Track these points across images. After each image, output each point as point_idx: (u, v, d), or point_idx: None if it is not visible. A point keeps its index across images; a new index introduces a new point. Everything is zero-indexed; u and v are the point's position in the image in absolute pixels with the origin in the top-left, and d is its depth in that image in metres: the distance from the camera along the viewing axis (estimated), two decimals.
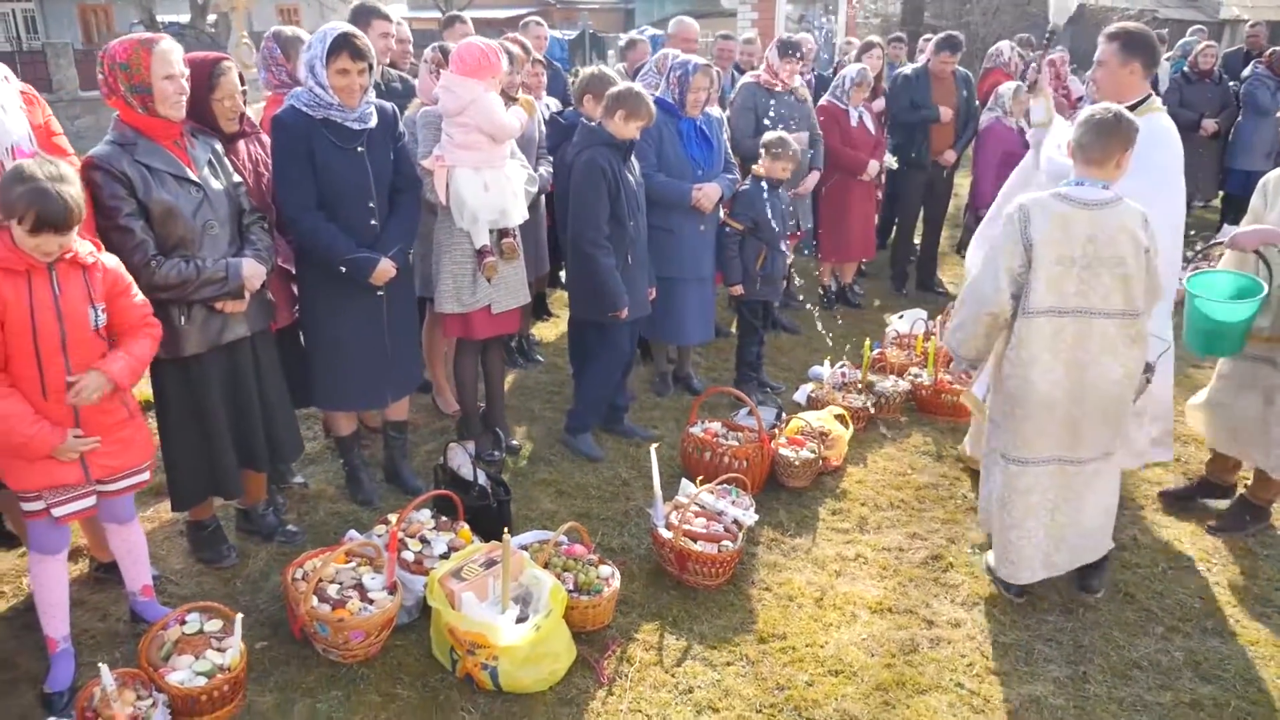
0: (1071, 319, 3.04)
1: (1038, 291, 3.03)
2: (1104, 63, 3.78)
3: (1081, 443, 3.19)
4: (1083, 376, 3.09)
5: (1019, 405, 3.18)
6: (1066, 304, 3.03)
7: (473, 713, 2.84)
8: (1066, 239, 3.00)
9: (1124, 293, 3.04)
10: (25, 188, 2.45)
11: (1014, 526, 3.30)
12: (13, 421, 2.51)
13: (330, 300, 3.62)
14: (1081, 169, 3.07)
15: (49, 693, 2.82)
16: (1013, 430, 3.23)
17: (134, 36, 2.95)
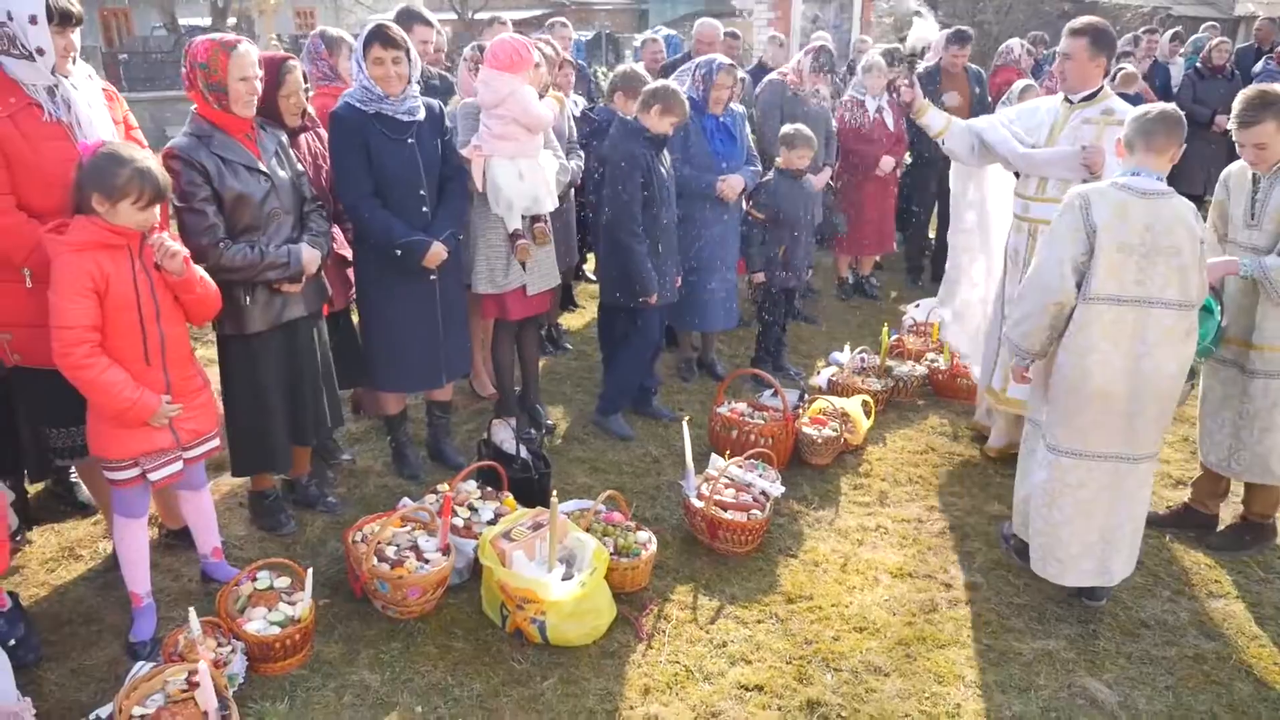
0: (1131, 308, 3.03)
1: (1098, 277, 3.02)
2: (1072, 56, 3.92)
3: (1137, 439, 3.14)
4: (1139, 367, 3.05)
5: (1074, 395, 3.14)
6: (1126, 292, 3.02)
7: (523, 663, 3.06)
8: (1126, 226, 3.00)
9: (1180, 283, 3.03)
10: (129, 169, 2.69)
11: (1065, 524, 3.24)
12: (119, 388, 2.74)
13: (387, 286, 3.84)
14: (1141, 158, 3.08)
15: (134, 642, 3.05)
16: (1065, 422, 3.19)
17: (214, 38, 3.18)
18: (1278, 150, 3.41)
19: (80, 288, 2.70)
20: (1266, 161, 3.44)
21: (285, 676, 2.95)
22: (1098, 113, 3.99)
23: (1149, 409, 3.10)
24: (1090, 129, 3.97)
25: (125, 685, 2.69)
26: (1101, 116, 3.97)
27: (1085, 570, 3.27)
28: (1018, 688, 2.98)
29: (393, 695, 2.91)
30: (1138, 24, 19.43)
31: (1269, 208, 3.46)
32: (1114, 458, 3.17)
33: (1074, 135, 3.99)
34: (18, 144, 2.85)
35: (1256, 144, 3.40)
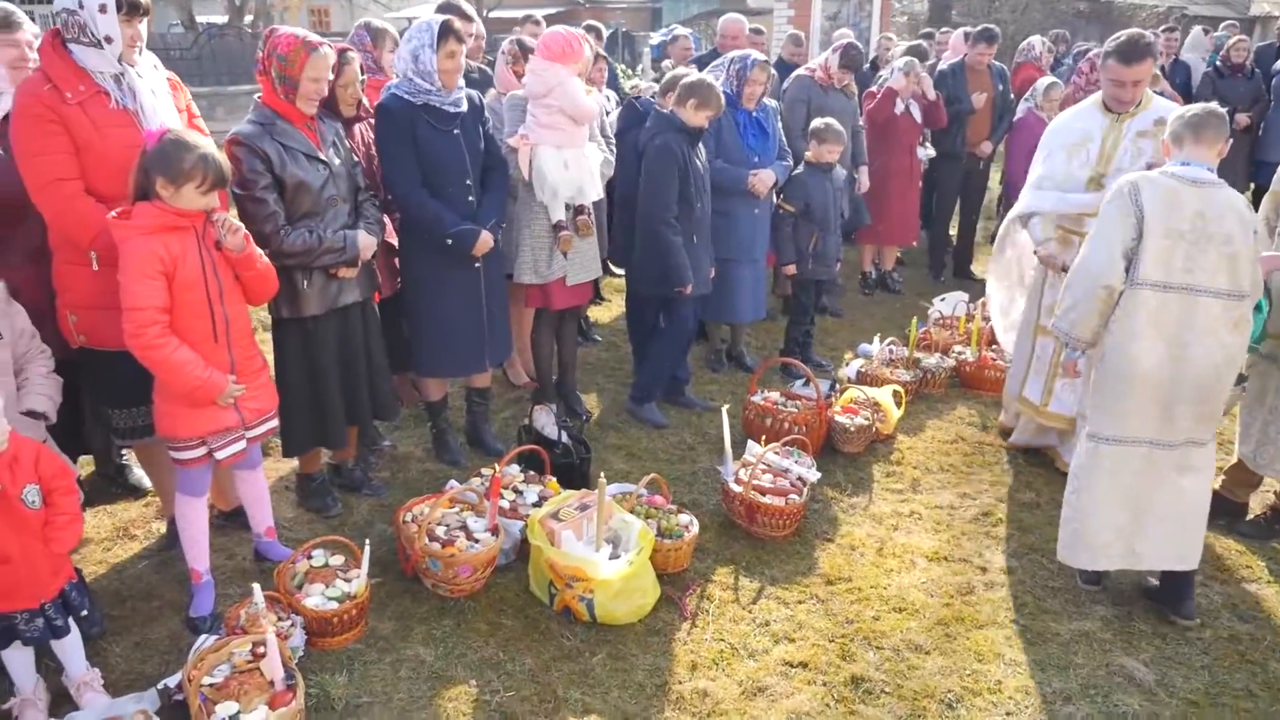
0: (1177, 295, 3.03)
1: (1145, 263, 3.02)
2: (1143, 80, 3.88)
3: (1173, 425, 3.14)
4: (1184, 355, 3.04)
5: (1118, 381, 3.14)
6: (1173, 279, 3.02)
7: (572, 639, 3.14)
8: (1175, 213, 3.01)
9: (1230, 272, 3.01)
10: (194, 154, 2.78)
11: (1094, 511, 3.24)
12: (190, 368, 2.82)
13: (434, 273, 3.92)
14: (1190, 151, 3.10)
15: (194, 617, 3.14)
16: (1106, 408, 3.19)
17: (300, 34, 3.26)
18: None
19: (150, 269, 2.78)
20: None
21: (342, 651, 3.04)
22: (1150, 123, 3.91)
23: (1189, 396, 3.08)
24: (1149, 143, 3.90)
25: (192, 656, 2.77)
26: (1155, 127, 3.87)
27: (1113, 554, 3.27)
28: (1056, 666, 3.05)
29: (447, 669, 3.00)
30: (1153, 23, 19.45)
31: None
32: (1148, 443, 3.17)
33: (1134, 151, 3.91)
34: (86, 130, 2.93)
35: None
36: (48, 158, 2.90)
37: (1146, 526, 3.23)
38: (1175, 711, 2.86)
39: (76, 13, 2.89)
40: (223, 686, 2.66)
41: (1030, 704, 2.88)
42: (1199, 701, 2.90)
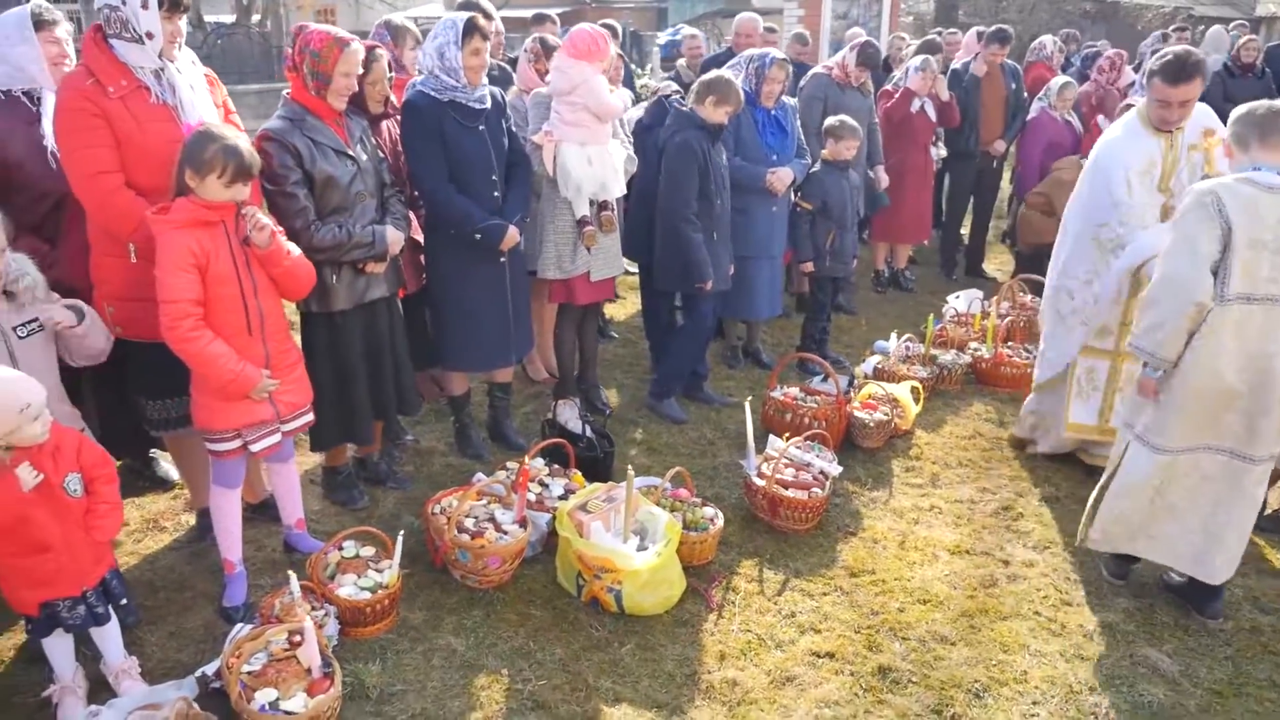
0: (1261, 306, 2.94)
1: (1235, 276, 2.92)
2: (1190, 101, 3.74)
3: (1258, 439, 3.05)
4: (1270, 366, 2.97)
5: (1199, 396, 3.05)
6: (1258, 290, 2.93)
7: (600, 630, 3.18)
8: (1258, 222, 2.91)
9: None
10: (218, 145, 2.81)
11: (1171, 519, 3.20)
12: (223, 361, 2.86)
13: (460, 268, 3.95)
14: (1257, 154, 2.99)
15: (228, 607, 3.18)
16: (1184, 420, 3.10)
17: (331, 31, 3.29)
18: None
19: (183, 263, 2.82)
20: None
21: (375, 640, 3.08)
22: (1198, 135, 3.82)
23: (1274, 409, 3.00)
24: (1199, 155, 3.81)
25: (229, 645, 2.81)
26: (1203, 138, 3.80)
27: (1183, 557, 3.24)
28: (1080, 656, 3.08)
29: (478, 659, 3.03)
30: (1159, 23, 19.47)
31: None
32: (1228, 452, 3.10)
33: (1189, 168, 3.82)
34: (128, 124, 2.97)
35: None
36: (90, 151, 2.94)
37: (1223, 537, 3.16)
38: (1199, 702, 2.89)
39: (119, 9, 2.93)
40: (261, 674, 2.70)
41: (1056, 694, 2.91)
42: (1223, 692, 2.93)
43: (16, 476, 2.42)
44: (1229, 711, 2.85)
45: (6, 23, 3.29)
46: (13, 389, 2.40)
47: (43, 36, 3.30)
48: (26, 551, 2.52)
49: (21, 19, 3.28)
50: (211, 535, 3.58)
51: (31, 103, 3.30)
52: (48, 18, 3.34)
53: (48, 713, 2.74)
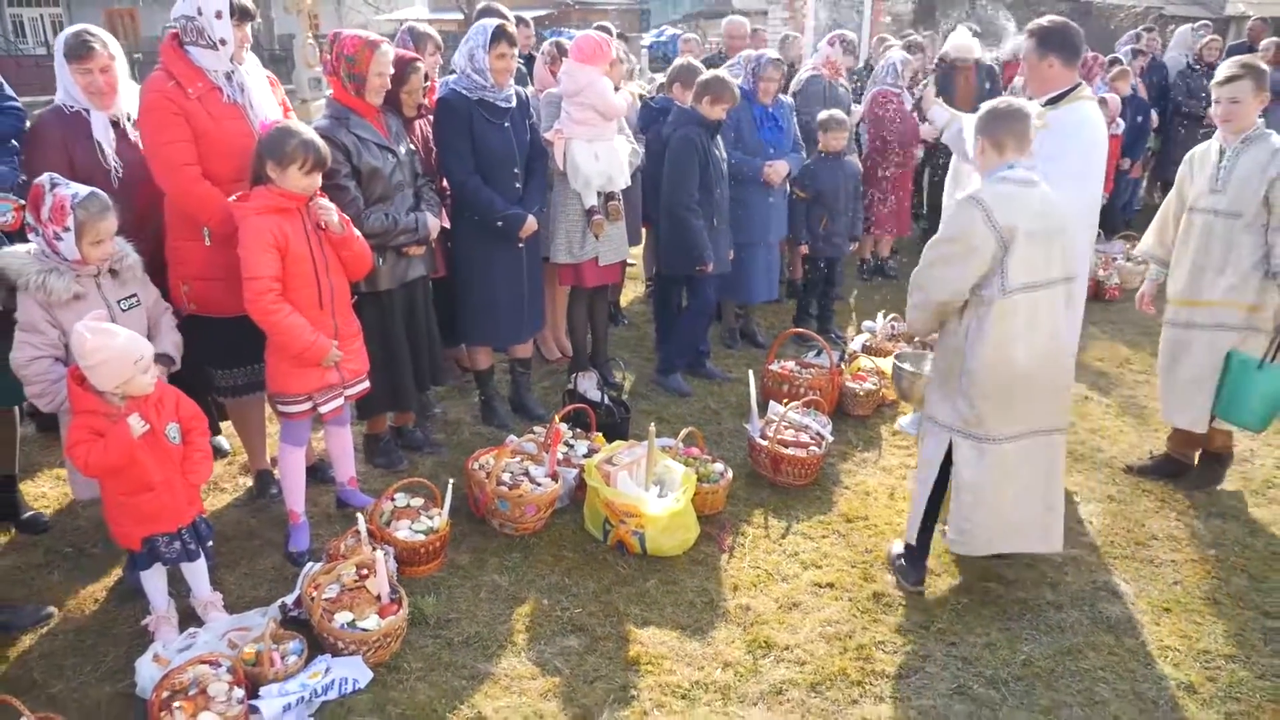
0: (1045, 291, 3.13)
1: (1014, 271, 3.07)
2: (1024, 59, 3.90)
3: (1061, 410, 3.32)
4: (1059, 343, 3.23)
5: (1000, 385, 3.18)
6: (1038, 276, 3.11)
7: (626, 568, 3.58)
8: (1027, 218, 3.07)
9: (1062, 261, 3.17)
10: (298, 140, 3.20)
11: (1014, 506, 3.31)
12: (300, 331, 3.25)
13: (484, 253, 4.35)
14: (1012, 154, 3.14)
15: (294, 552, 3.56)
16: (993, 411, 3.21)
17: (362, 35, 3.68)
18: (1247, 118, 3.81)
19: (265, 244, 3.20)
20: (1235, 125, 3.82)
21: (428, 578, 3.47)
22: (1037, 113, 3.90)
23: (1066, 378, 3.34)
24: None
25: (306, 578, 3.20)
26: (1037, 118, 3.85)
27: (1032, 539, 3.39)
28: (1050, 583, 3.52)
29: (521, 592, 3.43)
30: (1130, 23, 20.03)
31: (1234, 174, 3.83)
32: (1049, 431, 3.29)
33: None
34: (204, 121, 3.36)
35: (1231, 98, 3.79)
36: (173, 146, 3.32)
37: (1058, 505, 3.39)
38: (1150, 616, 3.33)
39: (195, 19, 3.32)
40: (337, 600, 3.09)
41: (1027, 611, 3.34)
42: (1170, 608, 3.37)
43: (129, 424, 2.80)
44: (1174, 623, 3.29)
45: (58, 44, 3.45)
46: (129, 343, 2.78)
47: (73, 67, 3.38)
48: (134, 490, 2.90)
49: (59, 45, 3.43)
50: (269, 493, 3.99)
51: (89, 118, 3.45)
52: (80, 50, 3.37)
53: (145, 640, 3.11)
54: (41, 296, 2.95)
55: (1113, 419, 5.03)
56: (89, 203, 2.92)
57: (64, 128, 3.45)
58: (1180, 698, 2.94)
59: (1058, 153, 3.57)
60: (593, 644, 3.16)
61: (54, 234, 2.92)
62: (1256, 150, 3.81)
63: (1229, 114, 3.85)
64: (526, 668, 3.04)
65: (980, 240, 3.06)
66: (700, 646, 3.16)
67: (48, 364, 3.00)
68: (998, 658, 3.10)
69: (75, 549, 3.67)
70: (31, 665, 3.03)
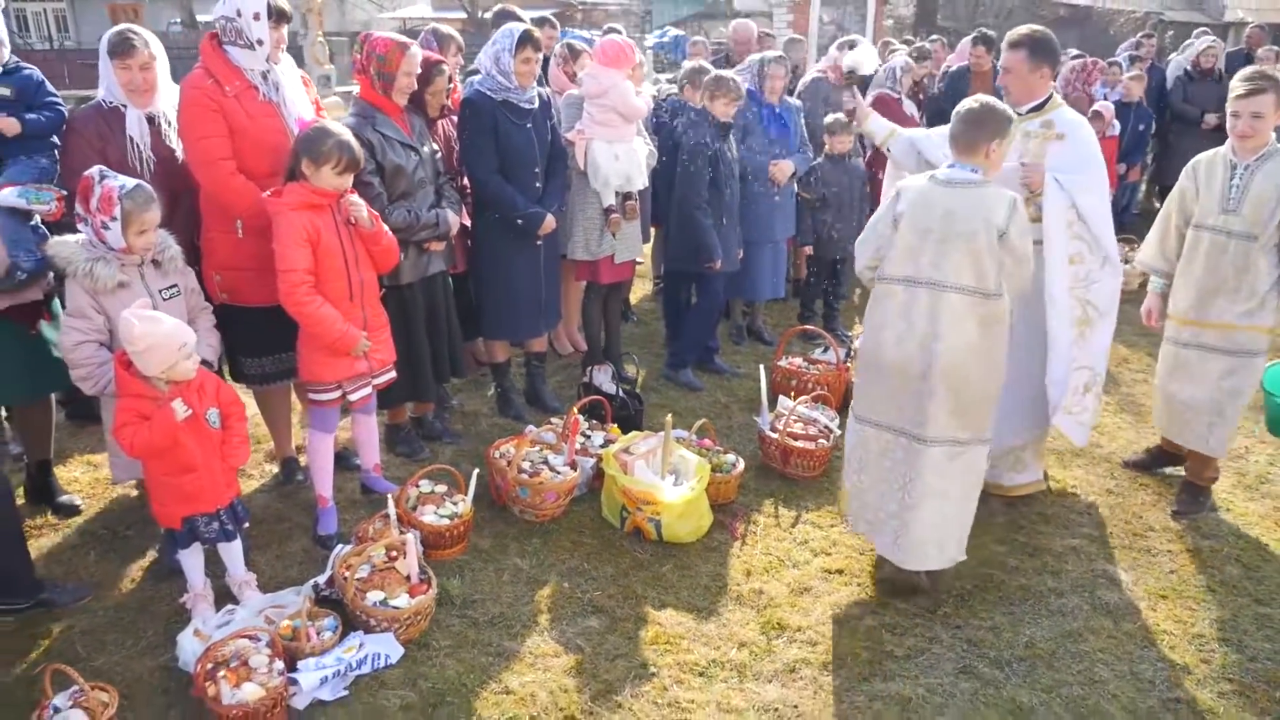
0: (926, 290, 3.11)
1: (895, 259, 3.18)
2: (1011, 70, 3.75)
3: (927, 420, 3.16)
4: (934, 348, 3.11)
5: (868, 366, 3.32)
6: (922, 274, 3.12)
7: (643, 553, 3.71)
8: (924, 212, 3.12)
9: (974, 269, 3.07)
10: (334, 140, 3.32)
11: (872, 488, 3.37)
12: (332, 321, 3.37)
13: (504, 250, 4.47)
14: (957, 154, 3.18)
15: (322, 535, 3.69)
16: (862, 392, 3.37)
17: (393, 37, 3.81)
18: (1268, 133, 3.69)
19: (298, 238, 3.33)
20: (1255, 142, 3.68)
21: (452, 561, 3.59)
22: (1039, 125, 3.79)
23: (939, 392, 3.13)
24: (1033, 143, 3.79)
25: (337, 559, 3.32)
26: (1041, 130, 3.78)
27: (884, 539, 3.39)
28: (1051, 571, 3.65)
29: (542, 575, 3.56)
30: (1130, 29, 20.24)
31: (1249, 194, 3.69)
32: (898, 431, 3.25)
33: (1020, 148, 3.74)
34: (241, 118, 3.48)
35: (1255, 113, 3.63)
36: (210, 140, 3.44)
37: (912, 523, 3.28)
38: (1147, 603, 3.47)
39: (234, 20, 3.44)
40: (368, 580, 3.22)
41: (1029, 596, 3.48)
42: (1167, 595, 3.51)
43: (173, 408, 2.92)
44: (1170, 609, 3.43)
45: (102, 42, 3.55)
46: (174, 330, 2.91)
47: (116, 64, 3.48)
48: (176, 471, 3.03)
49: (103, 42, 3.53)
50: (295, 479, 4.12)
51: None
52: (123, 47, 3.48)
53: (182, 617, 3.23)
54: (89, 284, 3.08)
55: (1111, 416, 5.17)
56: (135, 194, 3.05)
57: (100, 123, 3.56)
58: (1176, 678, 3.07)
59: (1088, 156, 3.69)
60: (612, 624, 3.29)
61: (101, 223, 3.04)
62: (1272, 167, 3.67)
63: (1252, 129, 3.67)
64: (550, 646, 3.17)
65: (881, 219, 3.27)
66: (716, 628, 3.29)
67: (93, 349, 3.14)
68: (1001, 640, 3.24)
69: (109, 531, 3.80)
70: (75, 640, 3.15)
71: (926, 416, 3.17)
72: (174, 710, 2.86)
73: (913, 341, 3.15)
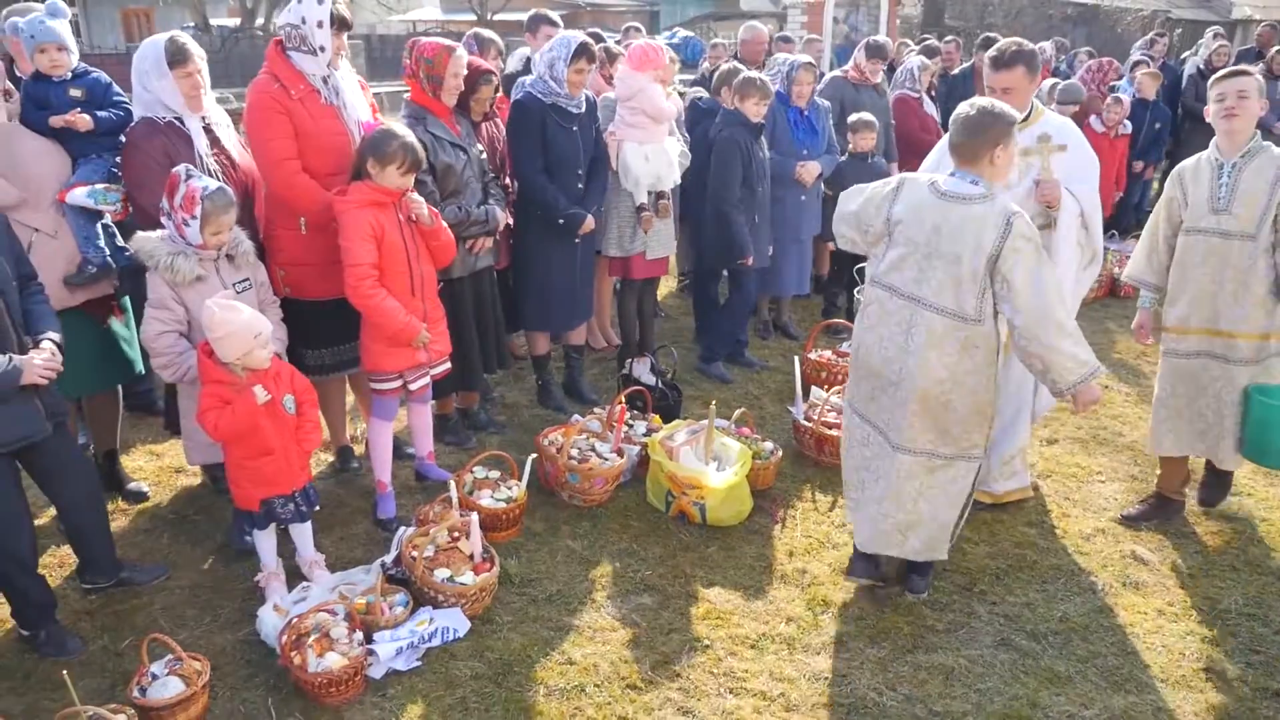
0: (905, 304, 3.08)
1: (885, 261, 3.15)
2: (1013, 88, 3.67)
3: (894, 427, 3.18)
4: (907, 363, 3.10)
5: (855, 359, 3.35)
6: (905, 287, 3.08)
7: (688, 536, 3.88)
8: (916, 223, 3.05)
9: (954, 292, 2.99)
10: (399, 141, 3.49)
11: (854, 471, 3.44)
12: (396, 313, 3.54)
13: (544, 246, 4.64)
14: (957, 161, 3.09)
15: (382, 519, 3.86)
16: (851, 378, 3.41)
17: (440, 41, 3.98)
18: (1252, 119, 3.57)
19: (365, 234, 3.49)
20: (1240, 124, 3.55)
21: (507, 543, 3.76)
22: (1033, 140, 3.73)
23: (909, 404, 3.11)
24: (1036, 158, 3.74)
25: (403, 540, 3.48)
26: (1039, 144, 3.75)
27: (862, 524, 3.43)
28: (1080, 551, 3.81)
29: (594, 556, 3.73)
30: (1138, 27, 20.37)
31: (1238, 192, 3.56)
32: (875, 428, 3.29)
33: (1023, 165, 3.68)
34: (305, 120, 3.65)
35: (1240, 92, 3.53)
36: (277, 142, 3.61)
37: (876, 518, 3.32)
38: (1176, 580, 3.62)
39: (299, 27, 3.61)
40: (434, 559, 3.38)
41: (1061, 575, 3.64)
42: (1193, 574, 3.66)
43: (254, 393, 3.09)
44: (1197, 587, 3.58)
45: (146, 56, 3.50)
46: (252, 320, 3.08)
47: (177, 73, 3.48)
48: (255, 455, 3.20)
49: (158, 56, 3.47)
50: (350, 466, 4.29)
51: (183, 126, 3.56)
52: (181, 55, 3.49)
53: (255, 595, 3.40)
54: (169, 276, 3.26)
55: (1132, 406, 5.32)
56: (216, 196, 3.22)
57: (163, 139, 3.52)
58: (1205, 650, 3.23)
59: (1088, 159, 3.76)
60: (665, 601, 3.45)
61: (183, 220, 3.22)
62: (1260, 163, 3.56)
63: (1236, 109, 3.54)
64: (607, 620, 3.33)
65: (875, 198, 3.19)
66: (763, 604, 3.46)
67: (174, 338, 3.31)
68: (1036, 615, 3.40)
69: (178, 516, 3.97)
70: (156, 616, 3.32)
71: (899, 424, 3.16)
72: (258, 678, 3.03)
73: (892, 350, 3.14)
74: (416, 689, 2.99)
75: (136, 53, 3.57)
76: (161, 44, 3.51)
